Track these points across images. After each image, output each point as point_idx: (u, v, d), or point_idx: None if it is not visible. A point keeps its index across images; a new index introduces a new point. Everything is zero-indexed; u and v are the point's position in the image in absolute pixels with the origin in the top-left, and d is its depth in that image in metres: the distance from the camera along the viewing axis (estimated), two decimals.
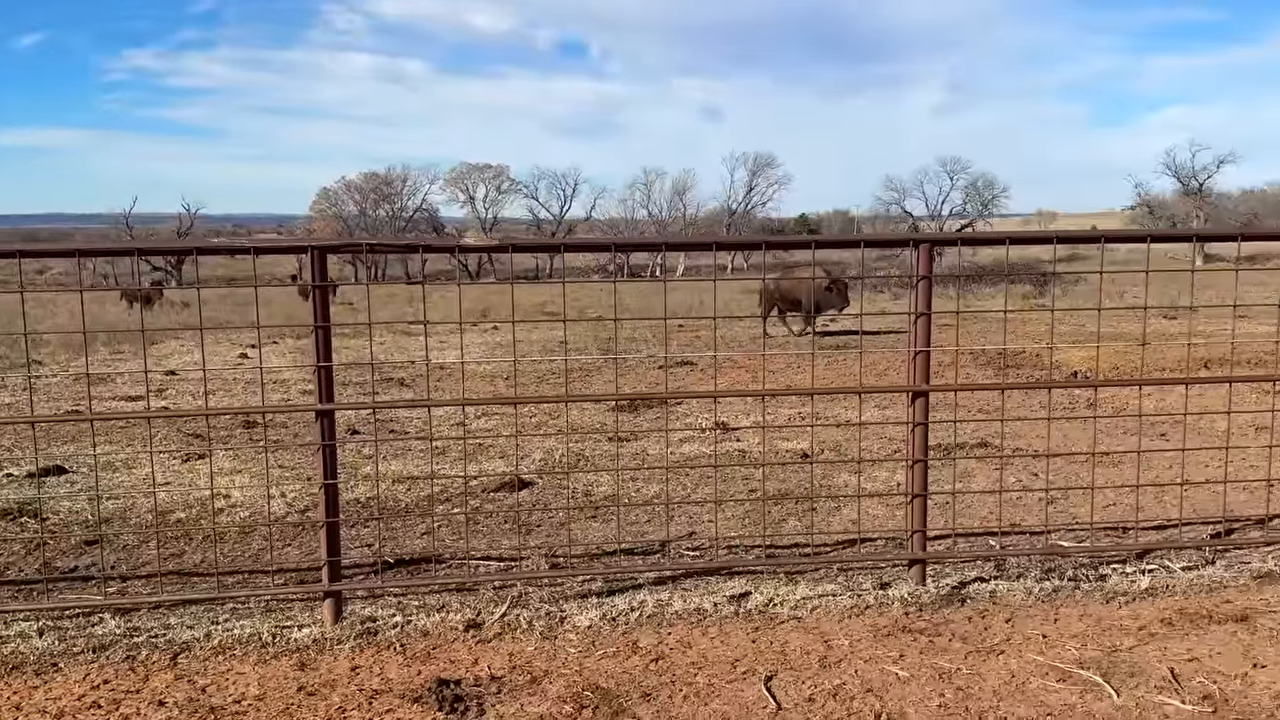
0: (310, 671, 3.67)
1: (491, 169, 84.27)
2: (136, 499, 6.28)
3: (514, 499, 6.35)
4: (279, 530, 5.53)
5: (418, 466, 7.25)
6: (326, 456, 4.08)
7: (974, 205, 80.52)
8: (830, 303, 17.70)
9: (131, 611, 4.30)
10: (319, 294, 3.93)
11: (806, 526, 5.58)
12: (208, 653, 3.84)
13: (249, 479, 6.83)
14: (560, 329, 18.60)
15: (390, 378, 12.45)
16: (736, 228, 76.54)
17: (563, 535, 5.50)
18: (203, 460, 7.43)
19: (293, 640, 3.95)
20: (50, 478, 6.81)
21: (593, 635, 4.00)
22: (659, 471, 6.87)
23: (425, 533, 5.63)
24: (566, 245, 4.53)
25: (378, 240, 4.01)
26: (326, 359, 4.01)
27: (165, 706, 3.41)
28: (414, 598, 4.49)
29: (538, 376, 12.63)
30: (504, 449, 7.83)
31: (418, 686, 3.51)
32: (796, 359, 13.87)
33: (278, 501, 6.16)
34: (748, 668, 3.66)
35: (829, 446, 7.65)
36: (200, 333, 4.16)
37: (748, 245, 22.29)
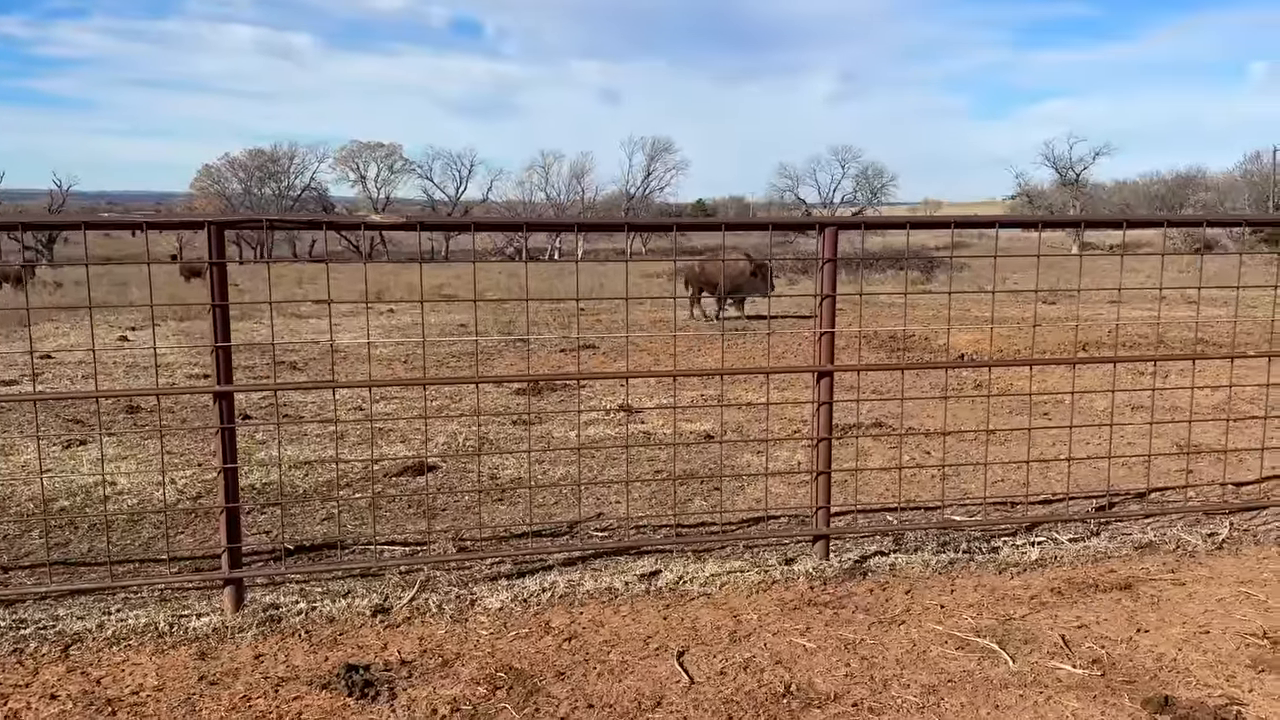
0: (211, 661, 3.56)
1: (384, 148, 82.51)
2: (16, 486, 5.96)
3: (418, 483, 6.26)
4: (172, 518, 5.33)
5: (314, 451, 7.07)
6: (225, 440, 3.95)
7: (864, 193, 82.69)
8: (754, 287, 17.67)
9: (16, 603, 4.09)
10: (217, 271, 3.79)
11: (713, 506, 5.66)
12: (101, 644, 3.69)
13: (135, 465, 6.55)
14: (457, 312, 18.36)
15: (282, 361, 12.10)
16: (635, 211, 76.70)
17: (470, 519, 5.45)
18: (84, 446, 7.10)
19: (191, 629, 3.82)
20: None
21: (504, 617, 3.98)
22: (565, 454, 6.87)
23: (326, 518, 5.51)
24: (478, 224, 4.48)
25: (279, 215, 3.88)
26: (225, 339, 3.87)
27: (58, 700, 3.26)
28: (318, 584, 4.39)
29: (438, 360, 12.45)
30: (405, 433, 7.71)
31: (325, 673, 3.44)
32: (696, 342, 14.02)
33: (169, 489, 5.93)
34: (660, 644, 3.71)
35: (730, 427, 7.77)
36: (90, 313, 3.97)
37: (660, 226, 22.11)
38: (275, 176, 78.39)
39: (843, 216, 11.03)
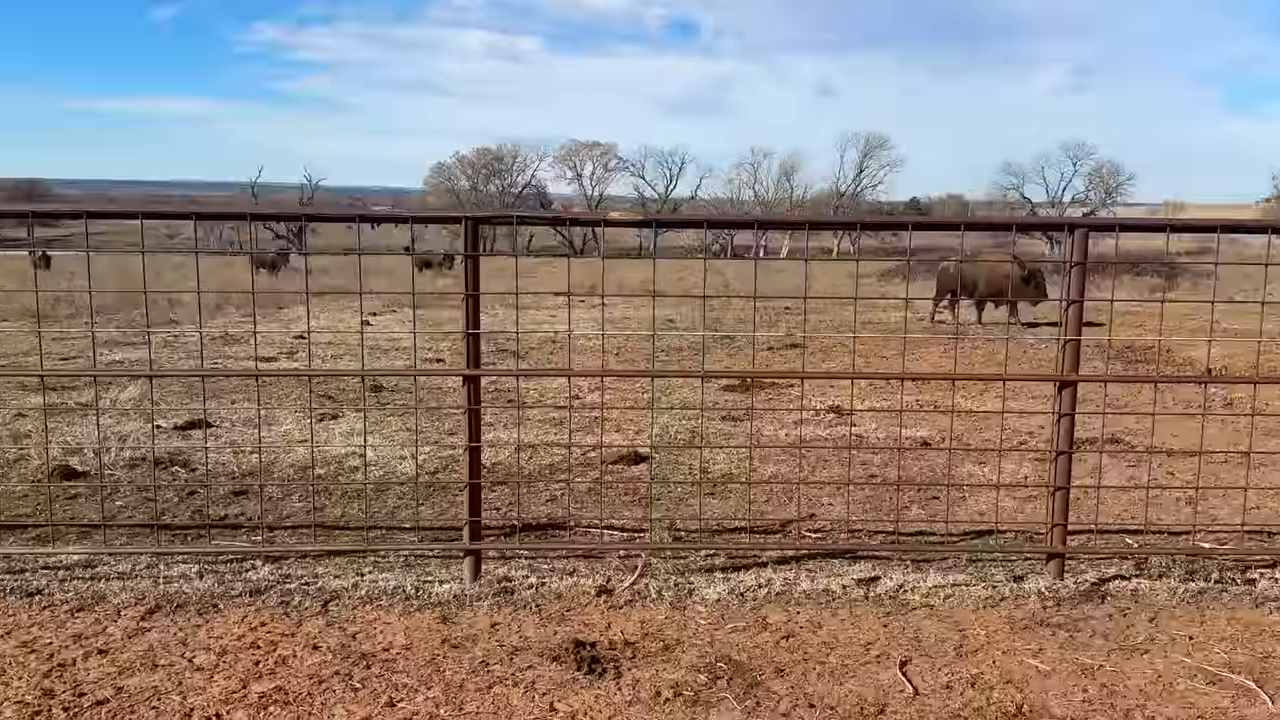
0: (452, 625, 3.81)
1: (599, 147, 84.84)
2: (278, 454, 6.57)
3: (634, 472, 6.43)
4: (412, 490, 5.72)
5: (536, 436, 7.40)
6: (472, 420, 4.21)
7: (1097, 193, 77.52)
8: (1026, 294, 15.94)
9: (281, 559, 4.53)
10: (471, 264, 4.04)
11: (932, 515, 5.51)
12: (356, 602, 4.03)
13: (380, 440, 7.08)
14: (663, 307, 18.65)
15: (505, 349, 12.71)
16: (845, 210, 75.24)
17: (683, 509, 5.56)
18: (336, 420, 7.73)
19: (434, 595, 4.10)
20: (195, 430, 7.17)
21: (721, 609, 4.04)
22: (774, 452, 6.87)
23: (549, 500, 5.76)
24: (710, 222, 4.55)
25: (528, 212, 4.09)
26: (475, 326, 4.12)
27: (319, 651, 3.59)
28: (544, 561, 4.61)
29: (647, 354, 12.71)
30: (619, 423, 7.93)
31: (555, 646, 3.61)
32: (910, 346, 13.63)
33: (408, 463, 6.38)
34: (881, 651, 3.66)
35: (947, 435, 7.52)
36: (360, 299, 4.33)
37: (842, 225, 21.81)
38: (499, 174, 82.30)
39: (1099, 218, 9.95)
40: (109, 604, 3.98)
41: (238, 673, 3.41)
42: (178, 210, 4.41)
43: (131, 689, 3.28)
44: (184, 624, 3.82)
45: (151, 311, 15.29)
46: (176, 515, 5.33)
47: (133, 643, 3.64)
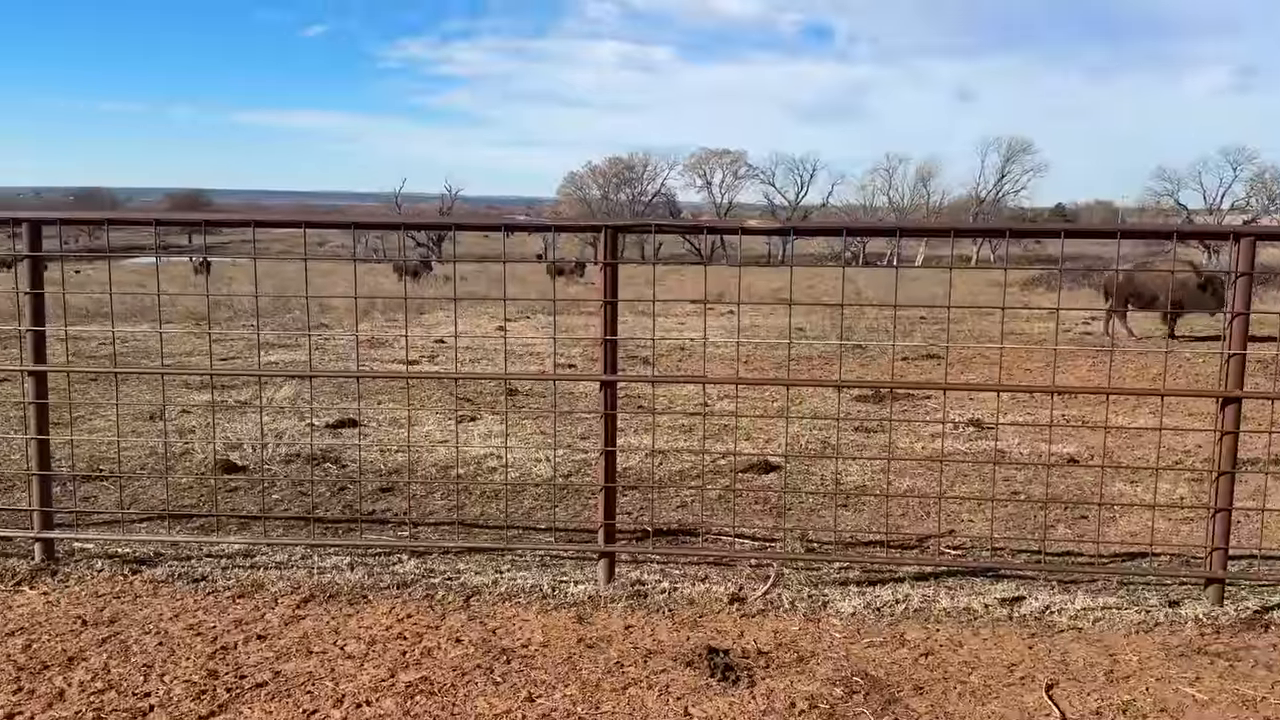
0: (587, 625, 3.89)
1: (729, 154, 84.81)
2: (421, 454, 6.83)
3: (764, 480, 6.41)
4: (546, 491, 5.85)
5: (666, 442, 7.45)
6: (608, 424, 4.28)
7: (1259, 199, 72.82)
8: (1200, 303, 15.01)
9: (426, 554, 4.70)
10: (610, 271, 4.12)
11: (1078, 535, 5.29)
12: (495, 598, 4.15)
13: (515, 442, 7.26)
14: (794, 315, 18.46)
15: (635, 355, 12.84)
16: (985, 216, 72.93)
17: (815, 520, 5.51)
18: (474, 421, 7.97)
19: (570, 595, 4.19)
20: (345, 429, 7.52)
21: (857, 623, 3.98)
22: (909, 465, 6.73)
23: (680, 506, 5.80)
24: (850, 229, 4.50)
25: (665, 220, 4.14)
26: (613, 333, 4.19)
27: (461, 644, 3.72)
28: (675, 567, 4.64)
29: (777, 362, 12.62)
30: (748, 431, 7.91)
31: (688, 651, 3.64)
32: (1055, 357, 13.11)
33: (543, 465, 6.52)
34: (1025, 673, 3.54)
35: (1095, 453, 7.20)
36: (504, 305, 4.46)
37: (988, 232, 20.82)
38: (629, 183, 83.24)
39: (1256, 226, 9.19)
40: (267, 592, 4.22)
41: (386, 662, 3.56)
42: (337, 220, 4.64)
43: (288, 673, 3.47)
44: (336, 613, 4.01)
45: (304, 315, 16.11)
46: (329, 509, 5.60)
47: (289, 630, 3.85)
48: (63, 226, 4.69)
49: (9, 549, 4.62)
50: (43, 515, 4.51)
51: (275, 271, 24.46)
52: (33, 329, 4.35)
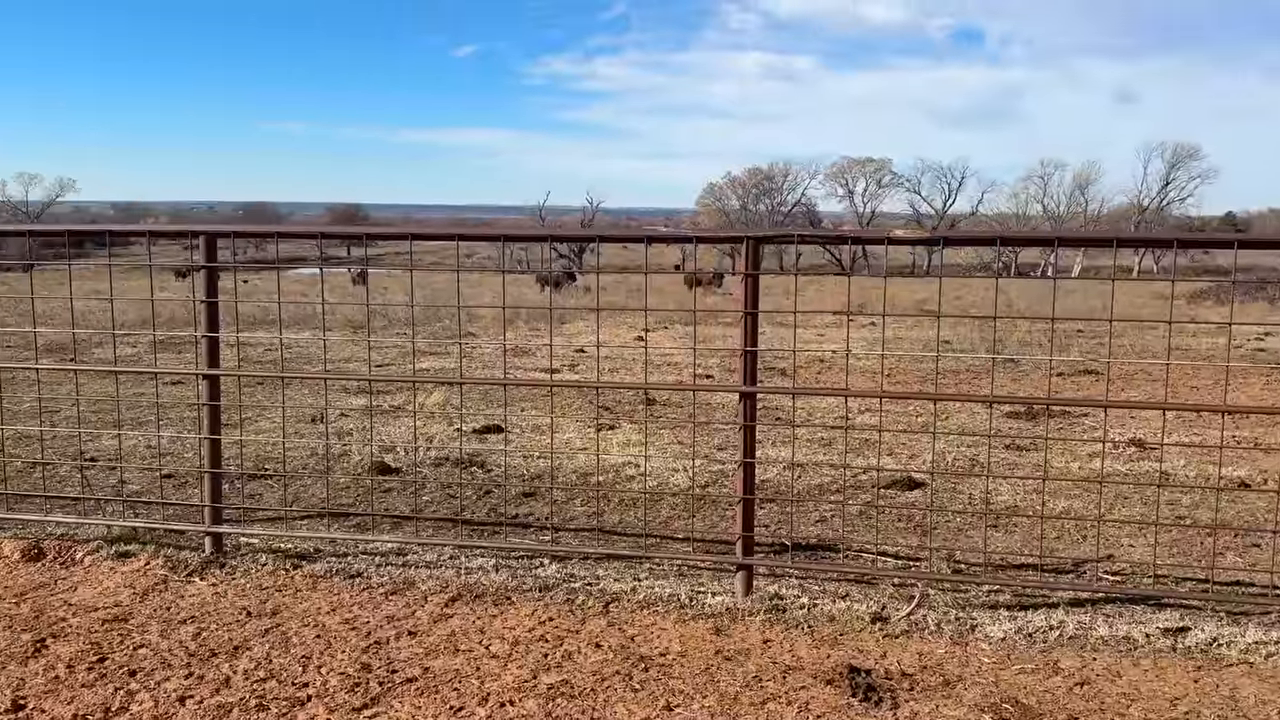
0: (725, 637, 3.87)
1: (873, 163, 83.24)
2: (561, 460, 6.96)
3: (908, 498, 6.24)
4: (683, 501, 5.87)
5: (805, 455, 7.35)
6: (747, 436, 4.26)
7: None
8: None
9: (566, 559, 4.79)
10: (751, 282, 4.11)
11: (1249, 564, 4.95)
12: (634, 606, 4.18)
13: (653, 451, 7.31)
14: (941, 328, 17.89)
15: (772, 367, 12.74)
16: (1148, 225, 69.12)
17: (962, 540, 5.33)
18: (613, 430, 8.08)
19: (707, 606, 4.18)
20: (491, 435, 7.74)
21: (1007, 648, 3.83)
22: (1064, 486, 6.44)
23: (819, 520, 5.71)
24: (1003, 239, 4.35)
25: (808, 231, 4.10)
26: (753, 344, 4.18)
27: (601, 649, 3.76)
28: (814, 582, 4.57)
29: (921, 375, 12.29)
30: (891, 446, 7.73)
31: (828, 669, 3.57)
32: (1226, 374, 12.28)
33: (680, 475, 6.54)
34: (1190, 708, 3.32)
35: (1270, 476, 6.72)
36: (645, 315, 4.51)
37: (1155, 242, 19.50)
38: (769, 193, 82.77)
39: None
40: (418, 590, 4.38)
41: (529, 663, 3.64)
42: (487, 233, 4.79)
43: (436, 670, 3.59)
44: (482, 613, 4.13)
45: (453, 324, 16.69)
46: (475, 512, 5.77)
47: (438, 627, 3.98)
48: (239, 237, 5.00)
49: (182, 542, 4.96)
50: (213, 511, 4.82)
51: (427, 282, 25.42)
52: (207, 335, 4.66)
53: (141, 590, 4.34)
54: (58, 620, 3.98)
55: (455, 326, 16.21)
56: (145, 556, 4.68)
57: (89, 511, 5.34)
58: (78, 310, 5.17)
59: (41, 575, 4.50)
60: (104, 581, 4.43)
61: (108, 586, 4.37)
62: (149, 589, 4.35)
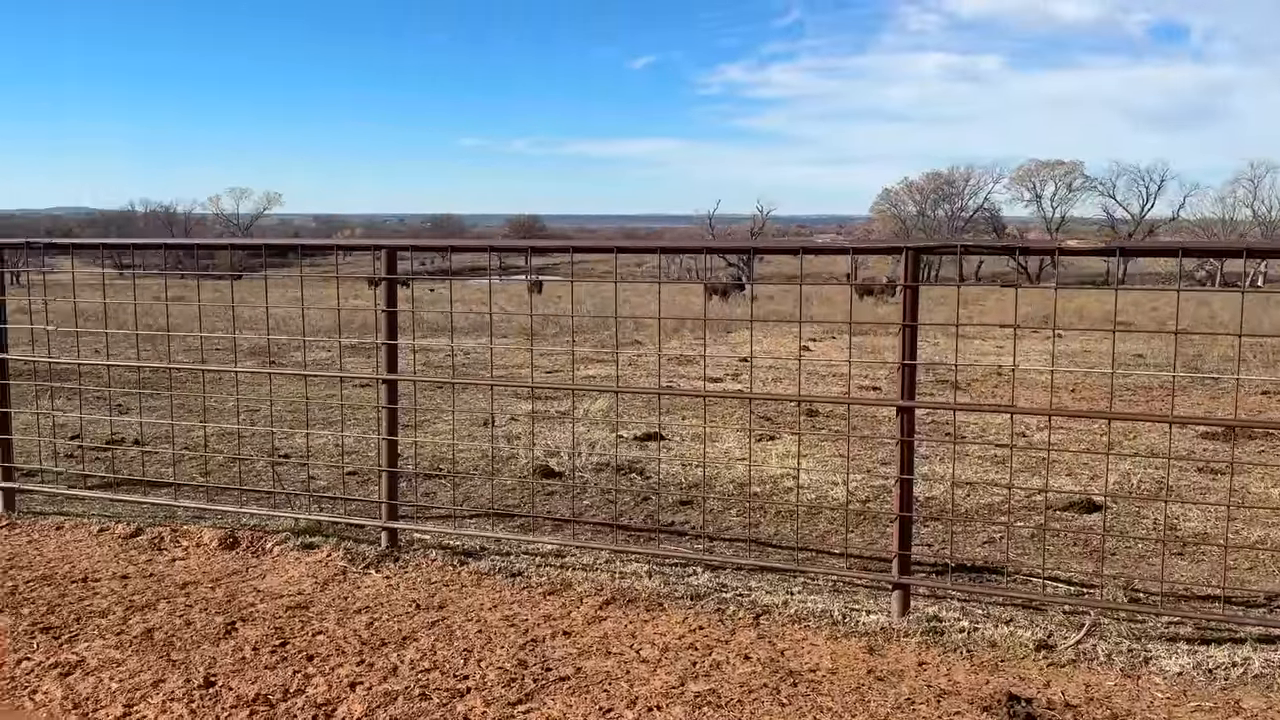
0: (878, 657, 3.80)
1: (1063, 165, 79.14)
2: (719, 470, 6.99)
3: (1085, 521, 5.93)
4: (842, 515, 5.78)
5: (976, 473, 7.09)
6: (904, 452, 4.17)
7: None
8: None
9: (719, 569, 4.82)
10: (909, 293, 4.02)
11: None
12: (785, 620, 4.16)
13: (813, 464, 7.23)
14: (1133, 342, 16.81)
15: (945, 380, 12.32)
16: None
17: (1143, 568, 5.02)
18: (773, 441, 8.04)
19: (861, 624, 4.11)
20: (650, 442, 7.85)
21: (1183, 684, 3.59)
22: (1261, 514, 5.96)
23: (987, 542, 5.50)
24: (1186, 250, 4.09)
25: (971, 242, 3.97)
26: (911, 357, 4.09)
27: (750, 661, 3.77)
28: (978, 605, 4.41)
29: (1109, 392, 11.60)
30: (1071, 466, 7.35)
31: (986, 696, 3.45)
32: None
33: (840, 489, 6.44)
34: None
35: None
36: (799, 326, 4.50)
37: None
38: (949, 198, 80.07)
39: None
40: (574, 591, 4.51)
41: (677, 670, 3.68)
42: (647, 245, 4.89)
43: (588, 671, 3.69)
44: (634, 618, 4.21)
45: (621, 333, 17.02)
46: (632, 518, 5.88)
47: (591, 629, 4.09)
48: (416, 251, 5.30)
49: (361, 535, 5.28)
50: (389, 507, 5.12)
51: (597, 291, 26.00)
52: (387, 342, 4.96)
53: (322, 580, 4.65)
54: (247, 605, 4.33)
55: (621, 334, 16.50)
56: (327, 548, 5.02)
57: (279, 504, 5.77)
58: (279, 317, 5.60)
59: (235, 563, 4.91)
60: (289, 570, 4.79)
61: (292, 575, 4.72)
62: (329, 579, 4.67)
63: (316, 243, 6.31)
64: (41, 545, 5.17)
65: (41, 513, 5.76)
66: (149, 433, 7.81)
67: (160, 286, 6.32)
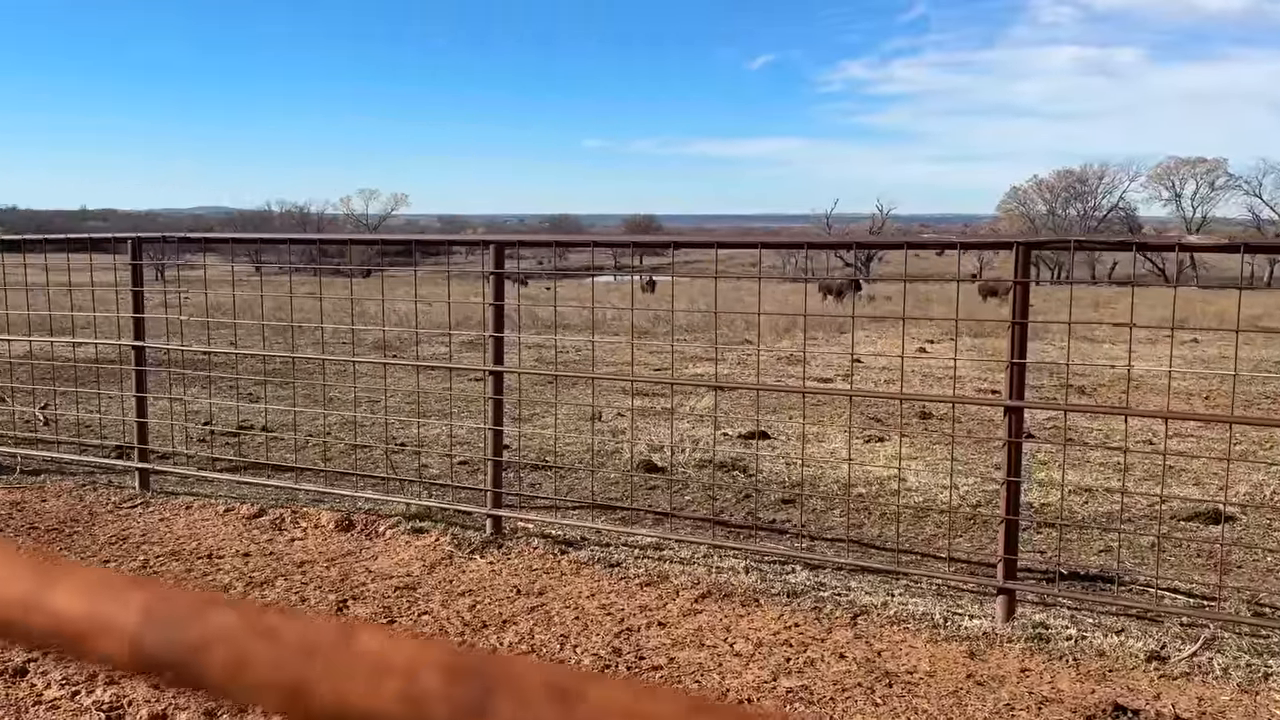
0: (979, 661, 3.71)
1: (1204, 163, 75.04)
2: (824, 469, 6.92)
3: (1210, 532, 5.63)
4: (952, 520, 5.64)
5: (1096, 479, 6.82)
6: (1012, 453, 4.05)
7: None
8: None
9: (819, 568, 4.77)
10: (1020, 291, 3.91)
11: None
12: (883, 620, 4.10)
13: (923, 466, 7.08)
14: (1276, 348, 15.82)
15: (1070, 384, 11.86)
16: None
17: (1269, 581, 4.75)
18: (882, 442, 7.90)
19: (963, 628, 4.02)
20: (755, 440, 7.82)
21: None
22: None
23: (1103, 550, 5.30)
24: None
25: (1086, 237, 3.83)
26: (1021, 356, 3.97)
27: (845, 660, 3.73)
28: (1088, 614, 4.26)
29: (1247, 399, 10.96)
30: (1199, 475, 6.99)
31: (1090, 705, 3.34)
32: None
33: (952, 493, 6.28)
34: None
35: None
36: (903, 324, 4.42)
37: None
38: (1081, 197, 76.94)
39: None
40: (670, 584, 4.54)
41: (770, 665, 3.68)
42: (745, 240, 4.89)
43: (681, 661, 3.72)
44: (729, 612, 4.22)
45: (730, 331, 17.02)
46: (732, 514, 5.88)
47: (686, 621, 4.12)
48: (524, 247, 5.42)
49: (468, 522, 5.44)
50: (494, 495, 5.26)
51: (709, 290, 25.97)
52: (493, 335, 5.09)
53: (430, 563, 4.82)
54: (359, 585, 4.52)
55: (732, 333, 16.45)
56: (436, 533, 5.19)
57: (393, 490, 5.99)
58: (402, 312, 5.81)
59: (350, 544, 5.12)
60: (400, 553, 4.97)
61: (402, 558, 4.90)
62: (436, 562, 4.83)
63: (430, 238, 6.53)
64: (172, 523, 5.50)
65: (173, 493, 6.12)
66: (275, 420, 8.20)
67: (292, 282, 6.63)
